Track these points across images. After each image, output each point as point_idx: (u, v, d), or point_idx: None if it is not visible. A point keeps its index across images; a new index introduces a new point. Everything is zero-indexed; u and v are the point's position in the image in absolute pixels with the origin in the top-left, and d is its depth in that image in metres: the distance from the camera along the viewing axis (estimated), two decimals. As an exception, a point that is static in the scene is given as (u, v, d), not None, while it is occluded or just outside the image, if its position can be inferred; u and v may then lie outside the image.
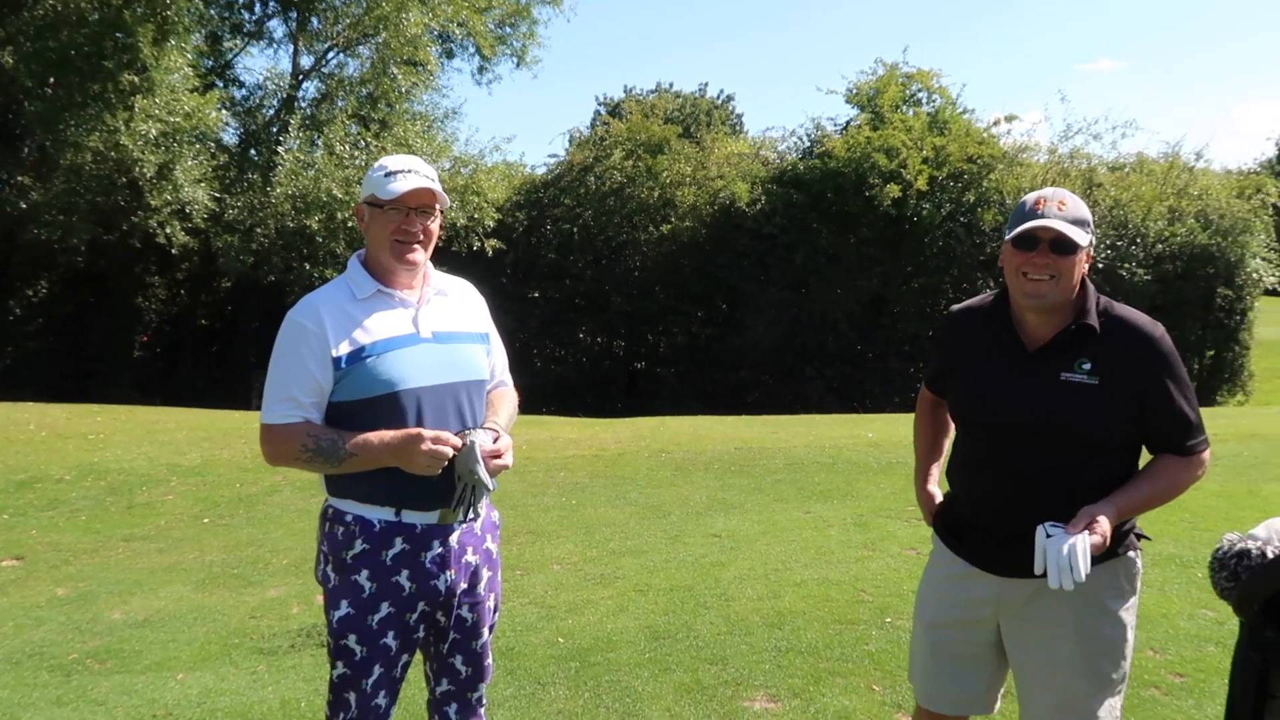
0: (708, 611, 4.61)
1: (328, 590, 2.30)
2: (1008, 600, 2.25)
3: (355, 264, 2.35)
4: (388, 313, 2.28)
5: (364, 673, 2.26)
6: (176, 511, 7.20)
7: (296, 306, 2.28)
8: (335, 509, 2.31)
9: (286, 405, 2.22)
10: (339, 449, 2.17)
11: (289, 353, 2.23)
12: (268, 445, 2.26)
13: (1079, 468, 2.14)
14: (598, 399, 19.65)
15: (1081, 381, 2.10)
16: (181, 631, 4.72)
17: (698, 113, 34.77)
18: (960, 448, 2.41)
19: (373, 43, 20.03)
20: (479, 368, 2.39)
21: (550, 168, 22.18)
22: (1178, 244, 19.15)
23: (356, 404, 2.22)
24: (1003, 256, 2.23)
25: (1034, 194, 2.16)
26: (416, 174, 2.26)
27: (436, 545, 2.29)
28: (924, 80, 20.09)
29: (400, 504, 2.25)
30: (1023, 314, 2.20)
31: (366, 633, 2.25)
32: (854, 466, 8.12)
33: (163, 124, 15.98)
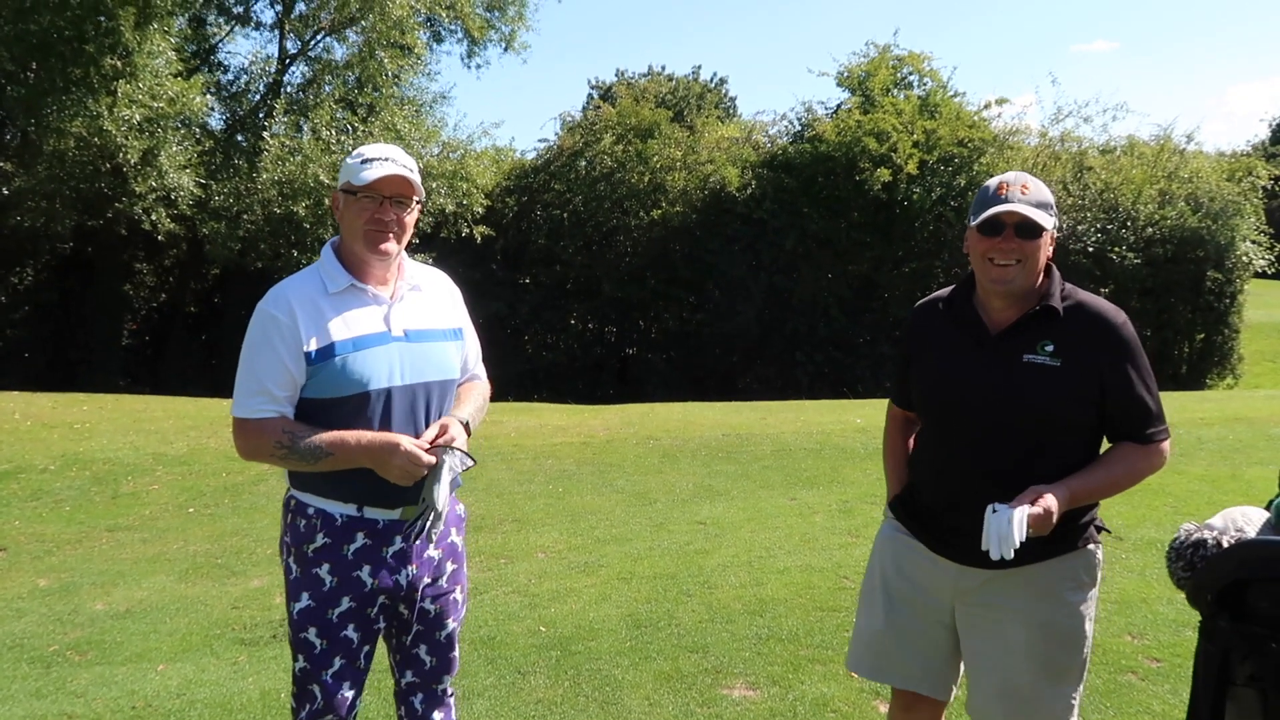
0: (690, 599, 4.61)
1: (289, 581, 2.30)
2: (964, 587, 2.25)
3: (329, 253, 2.30)
4: (360, 309, 2.24)
5: (324, 664, 2.25)
6: (161, 501, 7.18)
7: (267, 297, 2.23)
8: (298, 500, 2.29)
9: (260, 399, 2.18)
10: (315, 448, 2.15)
11: (261, 344, 2.18)
12: (241, 439, 2.22)
13: (1038, 452, 2.13)
14: (589, 385, 19.64)
15: (1044, 363, 2.10)
16: (163, 622, 4.71)
17: (690, 96, 34.63)
18: (923, 435, 2.40)
19: (359, 26, 19.85)
20: (450, 366, 2.36)
21: (540, 153, 22.08)
22: (1168, 227, 19.15)
23: (325, 401, 2.20)
24: (967, 242, 2.22)
25: (995, 179, 2.16)
26: (393, 162, 2.22)
27: (398, 540, 2.28)
28: (915, 63, 20.02)
29: (362, 500, 2.24)
30: (988, 299, 2.21)
31: (326, 626, 2.24)
32: (841, 452, 8.13)
33: (146, 109, 15.82)
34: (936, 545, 2.29)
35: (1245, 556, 1.61)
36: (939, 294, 2.41)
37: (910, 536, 2.37)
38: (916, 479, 2.40)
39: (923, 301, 2.44)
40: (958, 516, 2.17)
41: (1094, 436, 2.19)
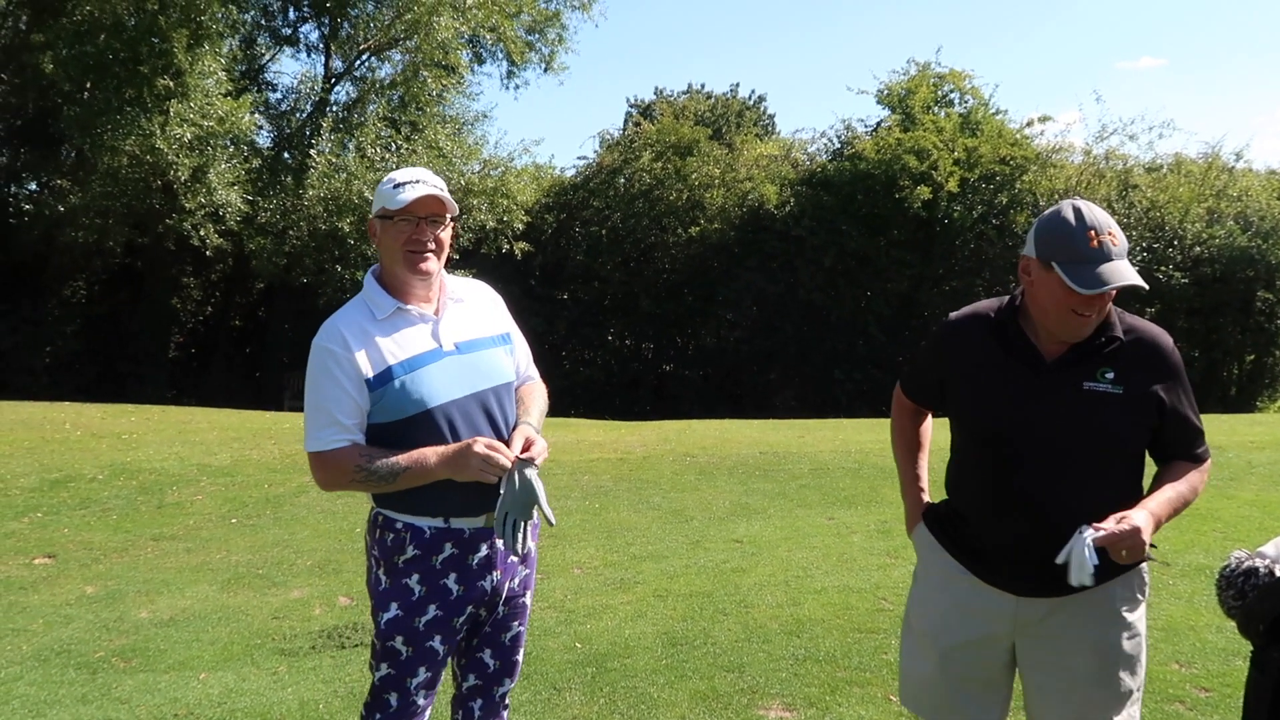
0: (726, 618, 4.59)
1: (378, 593, 2.33)
2: (1025, 619, 2.16)
3: (371, 282, 2.36)
4: (409, 330, 2.30)
5: (409, 673, 2.30)
6: (205, 511, 7.30)
7: (321, 333, 2.30)
8: (385, 516, 2.33)
9: (331, 430, 2.23)
10: (392, 466, 2.20)
11: (324, 378, 2.25)
12: (320, 472, 2.28)
13: (1099, 479, 2.07)
14: (626, 401, 19.68)
15: (1106, 391, 2.03)
16: (205, 631, 4.78)
17: (729, 114, 34.66)
18: (965, 462, 2.27)
19: (404, 46, 20.19)
20: (504, 371, 2.41)
21: (579, 170, 22.26)
22: (1216, 246, 18.81)
23: (392, 425, 2.26)
24: (1033, 278, 2.07)
25: (1076, 220, 1.99)
26: (424, 184, 2.28)
27: (483, 548, 2.33)
28: (956, 81, 19.92)
29: (449, 513, 2.29)
30: (1040, 328, 2.12)
31: (413, 634, 2.29)
32: (880, 472, 8.05)
33: (197, 128, 16.22)
34: (993, 577, 2.18)
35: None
36: (977, 309, 2.27)
37: (961, 569, 2.24)
38: (963, 509, 2.28)
39: (961, 316, 2.29)
40: (1018, 548, 2.10)
41: (1142, 461, 2.15)
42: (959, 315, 2.30)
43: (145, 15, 15.91)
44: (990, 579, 2.19)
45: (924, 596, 2.34)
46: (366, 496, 2.39)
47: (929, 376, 2.38)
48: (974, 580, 2.21)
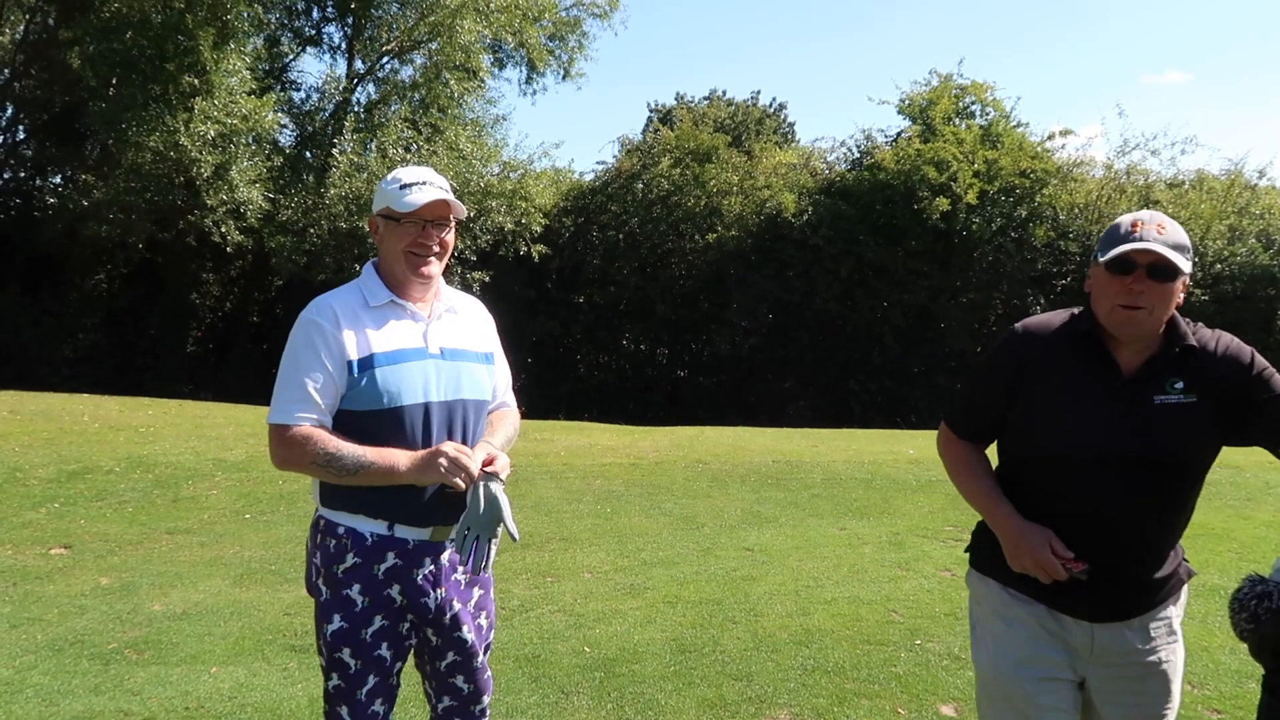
0: (735, 626, 4.59)
1: (319, 603, 2.29)
2: (1102, 646, 2.07)
3: (370, 271, 2.34)
4: (399, 323, 2.28)
5: (359, 683, 2.26)
6: (219, 506, 7.35)
7: (311, 307, 2.25)
8: (327, 520, 2.28)
9: (303, 406, 2.17)
10: (358, 458, 2.15)
11: (307, 352, 2.19)
12: (281, 447, 2.20)
13: (1173, 495, 2.04)
14: (639, 406, 19.68)
15: (1178, 402, 1.99)
16: (218, 625, 4.82)
17: (749, 121, 34.68)
18: (1030, 483, 2.12)
19: (426, 49, 20.31)
20: (482, 387, 2.38)
21: (598, 174, 22.31)
22: (1238, 264, 18.64)
23: (364, 414, 2.21)
24: (1090, 280, 2.05)
25: (1129, 216, 2.00)
26: (432, 185, 2.26)
27: (428, 563, 2.28)
28: (978, 92, 19.85)
29: (393, 517, 2.24)
30: (1112, 339, 2.05)
31: (360, 645, 2.25)
32: (893, 483, 8.03)
33: (220, 125, 16.34)
34: (1068, 605, 2.07)
35: (1312, 609, 1.56)
36: (1048, 318, 2.15)
37: (1028, 600, 2.11)
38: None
39: (1032, 325, 2.15)
40: (1101, 572, 2.00)
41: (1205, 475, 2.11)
42: (1030, 325, 2.17)
43: (172, 13, 16.05)
44: (1065, 606, 2.08)
45: (993, 646, 2.16)
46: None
47: (990, 395, 2.18)
48: (1045, 611, 2.09)
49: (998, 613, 2.15)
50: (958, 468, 2.25)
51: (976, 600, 2.24)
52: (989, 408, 2.18)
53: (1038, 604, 2.09)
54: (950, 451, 2.28)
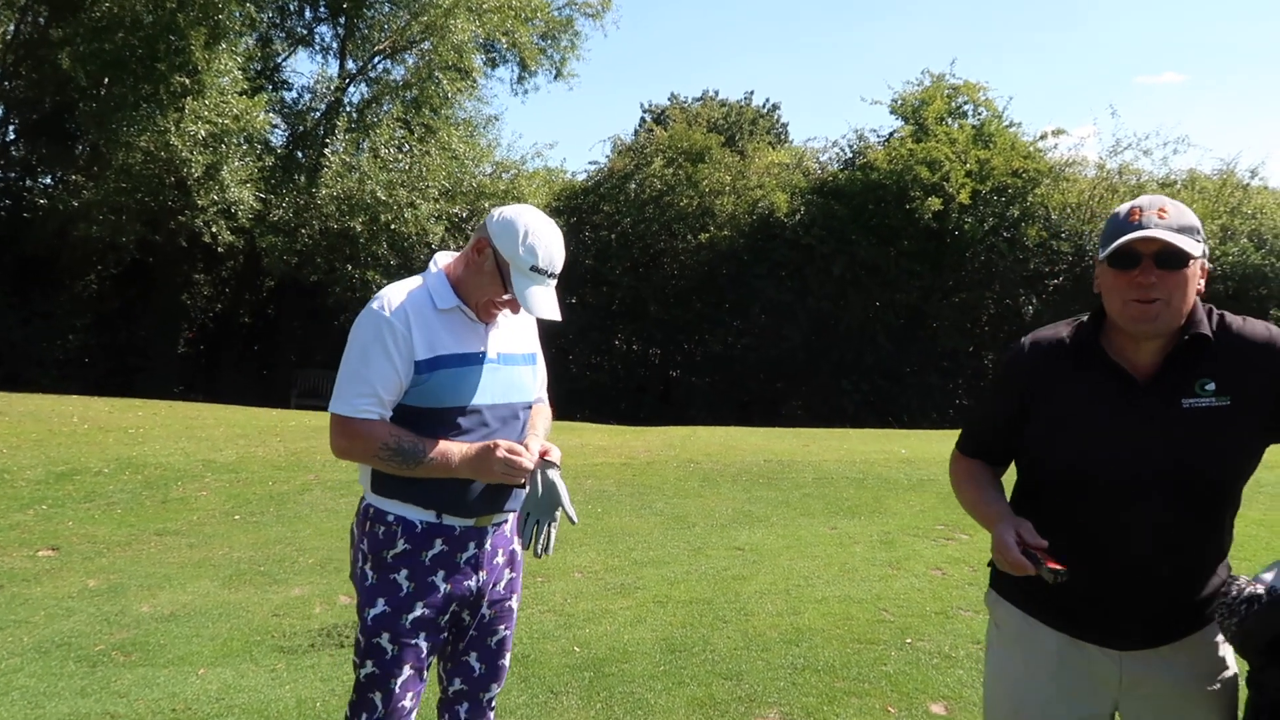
0: (726, 625, 4.58)
1: (364, 588, 2.31)
2: (1132, 676, 1.88)
3: (441, 275, 2.34)
4: (463, 329, 2.32)
5: (394, 671, 2.27)
6: (209, 507, 7.32)
7: (383, 303, 2.24)
8: (376, 509, 2.32)
9: (368, 400, 2.22)
10: (420, 454, 2.20)
11: (376, 347, 2.21)
12: (343, 438, 2.24)
13: (1210, 509, 1.85)
14: (632, 406, 19.68)
15: (1209, 405, 1.78)
16: (206, 627, 4.79)
17: (742, 121, 34.69)
18: (1048, 505, 1.93)
19: (419, 48, 20.30)
20: (529, 389, 2.46)
21: (590, 174, 22.31)
22: (1230, 264, 18.71)
23: (423, 410, 2.26)
24: (1098, 280, 1.88)
25: (1126, 204, 1.84)
26: (551, 289, 2.28)
27: (471, 546, 2.34)
28: (970, 92, 19.90)
29: (442, 508, 2.29)
30: (1127, 340, 1.86)
31: (400, 632, 2.27)
32: (884, 483, 8.03)
33: (211, 125, 16.32)
34: (1094, 634, 1.91)
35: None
36: (1049, 333, 1.98)
37: (1050, 630, 1.96)
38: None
39: (1039, 338, 1.98)
40: (1119, 599, 1.86)
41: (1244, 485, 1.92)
42: (1032, 340, 1.99)
43: (163, 13, 16.04)
44: (1090, 636, 1.91)
45: (1015, 684, 2.01)
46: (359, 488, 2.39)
47: (996, 412, 2.04)
48: (1068, 640, 1.93)
49: (1018, 642, 2.00)
50: (959, 480, 2.09)
51: (995, 624, 2.09)
52: (994, 426, 2.05)
53: (1059, 633, 1.93)
54: (955, 468, 2.13)
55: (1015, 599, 2.00)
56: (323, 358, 21.73)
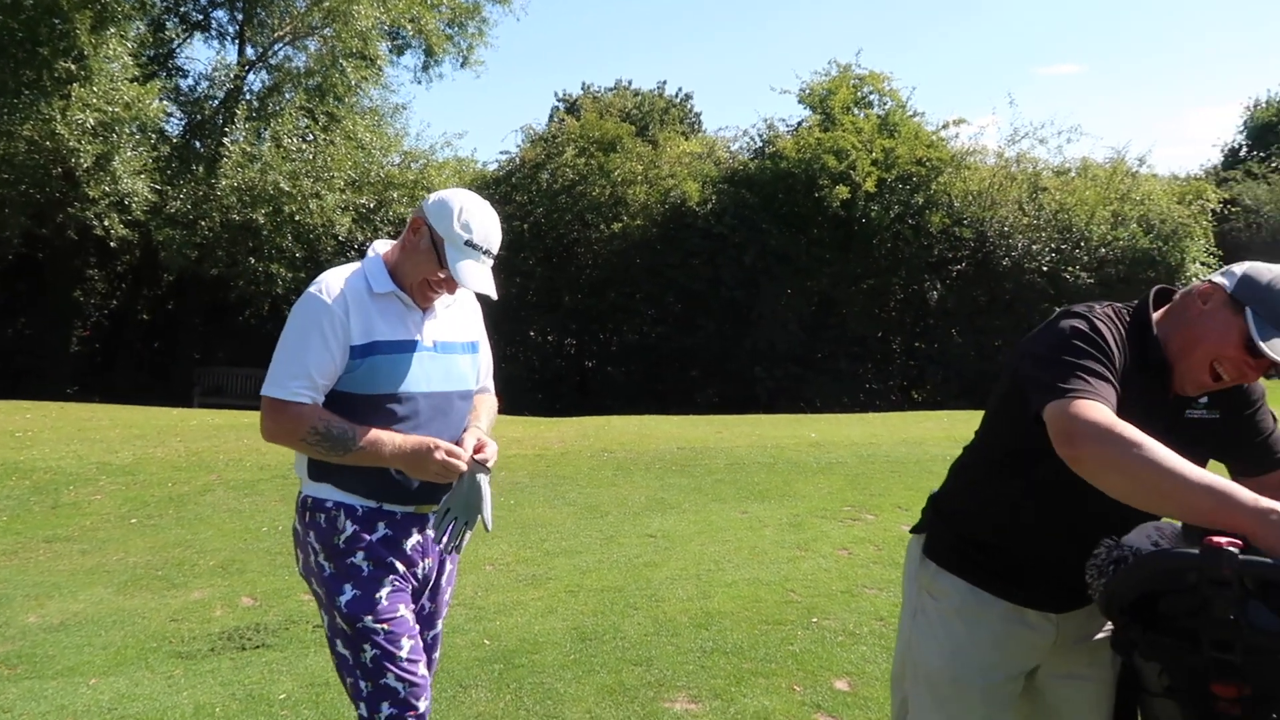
0: (636, 612, 4.60)
1: (325, 579, 2.25)
2: (1064, 633, 2.01)
3: (377, 260, 2.34)
4: (399, 316, 2.30)
5: (395, 644, 2.21)
6: (103, 512, 7.03)
7: (320, 287, 2.24)
8: (314, 498, 2.29)
9: (301, 383, 2.19)
10: (350, 441, 2.18)
11: (313, 331, 2.20)
12: (273, 420, 2.21)
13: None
14: (548, 398, 19.58)
15: (1202, 416, 1.94)
16: (98, 635, 4.61)
17: (655, 111, 34.77)
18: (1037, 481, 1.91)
19: (321, 35, 19.75)
20: (468, 378, 2.44)
21: (501, 164, 22.07)
22: (1120, 248, 19.54)
23: (356, 396, 2.24)
24: (1211, 307, 1.84)
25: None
26: (487, 266, 2.29)
27: (415, 533, 2.33)
28: (875, 83, 20.30)
29: (380, 497, 2.27)
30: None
31: (379, 610, 2.22)
32: (794, 467, 8.17)
33: (101, 113, 15.60)
34: (1032, 598, 1.99)
35: (1154, 569, 1.63)
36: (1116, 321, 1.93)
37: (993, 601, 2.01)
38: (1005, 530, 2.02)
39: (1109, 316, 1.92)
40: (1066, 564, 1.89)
41: None
42: (1106, 312, 1.94)
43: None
44: (1030, 601, 1.99)
45: (955, 649, 2.06)
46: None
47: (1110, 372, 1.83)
48: (1011, 608, 2.00)
49: (960, 612, 2.05)
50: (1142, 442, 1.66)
51: (932, 595, 2.11)
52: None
53: (1003, 603, 2.00)
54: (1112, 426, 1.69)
55: (960, 571, 2.05)
56: (227, 354, 21.04)
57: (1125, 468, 1.66)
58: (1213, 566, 1.51)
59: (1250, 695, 1.59)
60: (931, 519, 2.19)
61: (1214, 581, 1.51)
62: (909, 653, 2.15)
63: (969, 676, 2.02)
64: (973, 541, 2.06)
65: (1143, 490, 1.66)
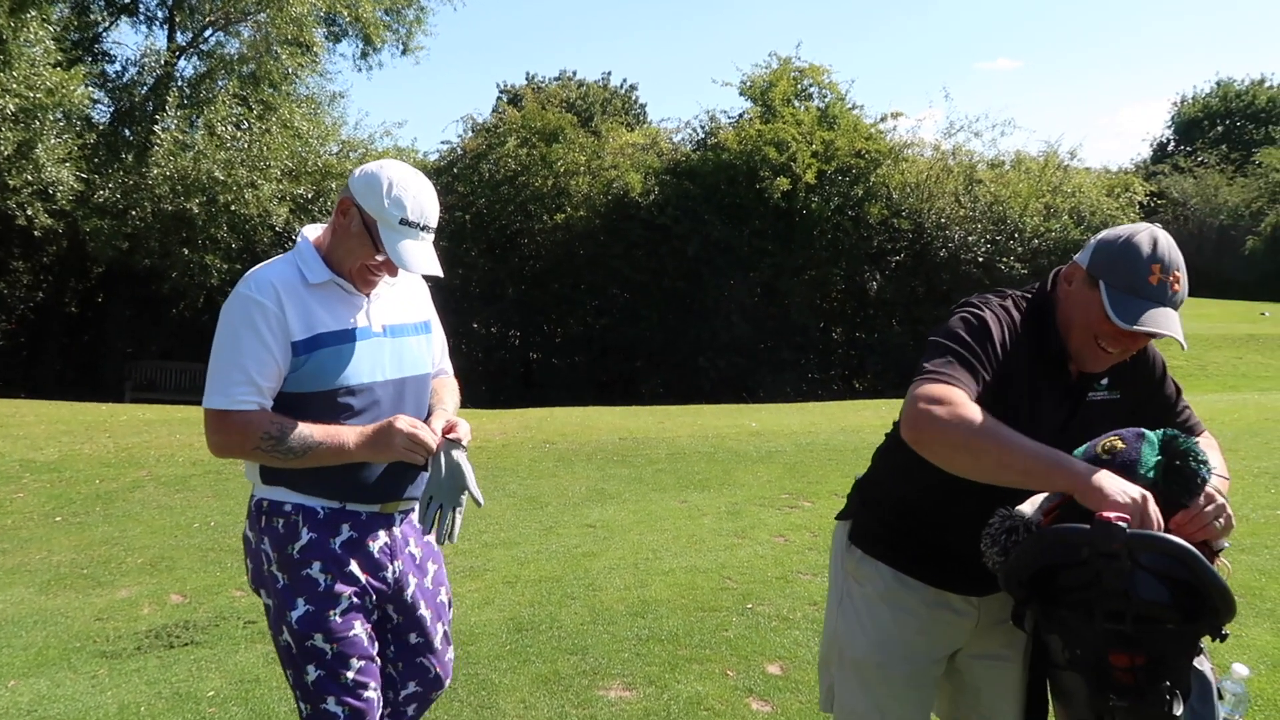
0: (573, 602, 4.61)
1: (276, 591, 2.12)
2: (987, 615, 2.05)
3: (308, 246, 2.17)
4: (340, 303, 2.16)
5: (341, 668, 2.11)
6: (26, 510, 6.83)
7: (249, 283, 2.08)
8: (270, 501, 2.14)
9: (245, 389, 2.03)
10: (307, 442, 2.04)
11: (247, 331, 2.03)
12: (220, 434, 2.06)
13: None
14: (492, 390, 19.48)
15: (1105, 398, 1.97)
16: (18, 636, 4.48)
17: (598, 101, 34.71)
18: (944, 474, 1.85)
19: (254, 20, 19.31)
20: (424, 360, 2.31)
21: (443, 154, 21.85)
22: (1053, 239, 20.04)
23: (306, 395, 2.10)
24: (1075, 287, 1.88)
25: (1150, 251, 1.79)
26: (426, 243, 2.14)
27: (382, 534, 2.20)
28: (815, 75, 20.51)
29: (343, 497, 2.15)
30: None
31: (332, 628, 2.11)
32: (734, 455, 8.24)
33: (22, 99, 15.07)
34: (961, 585, 2.03)
35: (1048, 544, 1.69)
36: (1013, 314, 1.96)
37: (918, 586, 2.06)
38: (923, 516, 2.05)
39: (1005, 306, 1.97)
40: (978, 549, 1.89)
41: None
42: (1001, 304, 1.97)
43: (-39, -25, 14.71)
44: (952, 585, 2.03)
45: (879, 632, 2.10)
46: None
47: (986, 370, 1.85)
48: (935, 593, 2.05)
49: (885, 598, 2.09)
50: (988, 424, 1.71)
51: (857, 580, 2.14)
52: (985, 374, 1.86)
53: (927, 588, 2.05)
54: (970, 408, 1.74)
55: (884, 556, 2.09)
56: (159, 348, 20.53)
57: (964, 444, 1.71)
58: (1104, 540, 1.56)
59: (1143, 664, 1.66)
60: (856, 504, 2.23)
61: (1105, 555, 1.57)
62: (835, 638, 2.19)
63: (894, 662, 2.07)
64: (895, 527, 2.09)
65: (982, 464, 1.73)
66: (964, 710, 2.18)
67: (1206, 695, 1.86)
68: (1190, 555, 1.58)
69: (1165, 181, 38.75)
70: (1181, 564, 1.60)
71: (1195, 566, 1.58)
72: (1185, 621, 1.64)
